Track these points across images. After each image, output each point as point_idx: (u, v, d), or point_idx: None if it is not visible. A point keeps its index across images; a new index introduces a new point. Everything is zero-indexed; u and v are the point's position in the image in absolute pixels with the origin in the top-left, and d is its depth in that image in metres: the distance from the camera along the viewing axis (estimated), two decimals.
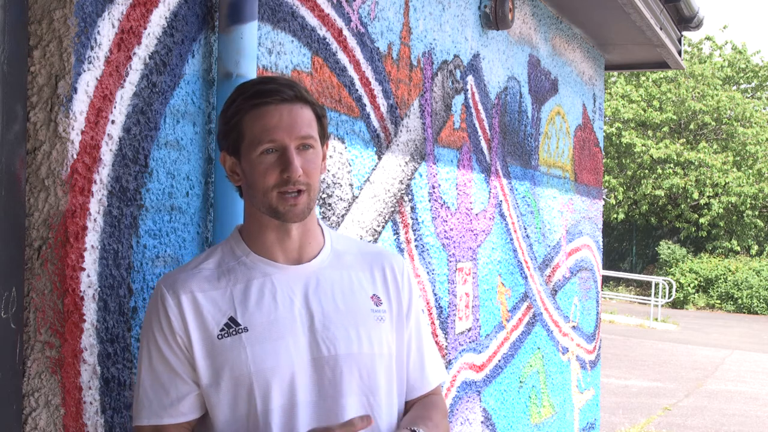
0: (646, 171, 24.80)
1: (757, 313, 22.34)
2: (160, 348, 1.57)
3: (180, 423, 1.58)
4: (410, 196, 3.07)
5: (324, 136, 1.68)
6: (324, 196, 2.48)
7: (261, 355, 1.55)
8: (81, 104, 1.65)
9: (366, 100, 2.74)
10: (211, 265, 1.64)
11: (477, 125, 3.67)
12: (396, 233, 2.96)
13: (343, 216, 2.60)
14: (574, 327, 5.17)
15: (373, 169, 2.80)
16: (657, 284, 20.19)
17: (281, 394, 1.56)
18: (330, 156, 2.52)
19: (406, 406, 1.76)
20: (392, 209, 2.94)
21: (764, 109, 26.21)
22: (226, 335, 1.56)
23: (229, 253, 1.66)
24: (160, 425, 1.57)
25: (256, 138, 1.59)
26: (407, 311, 1.75)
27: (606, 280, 22.61)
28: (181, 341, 1.56)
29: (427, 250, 3.21)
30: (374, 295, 1.70)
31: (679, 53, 5.84)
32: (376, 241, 2.82)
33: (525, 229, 4.29)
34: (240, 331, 1.57)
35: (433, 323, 3.24)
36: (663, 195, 24.74)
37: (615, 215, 25.08)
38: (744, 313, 22.43)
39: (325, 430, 1.51)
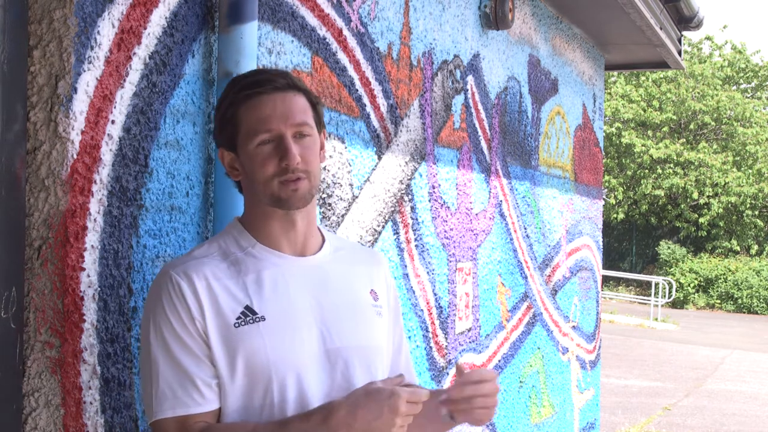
0: (646, 171, 24.81)
1: (757, 313, 22.34)
2: (177, 334, 1.51)
3: (207, 411, 1.51)
4: (410, 196, 3.07)
5: (320, 124, 1.67)
6: (324, 196, 2.48)
7: (279, 346, 1.54)
8: (81, 104, 1.65)
9: (366, 100, 2.73)
10: (216, 254, 1.61)
11: (477, 125, 3.67)
12: (396, 233, 2.96)
13: (343, 216, 2.60)
14: (574, 327, 5.17)
15: (373, 169, 2.80)
16: (657, 284, 20.20)
17: (296, 386, 1.54)
18: (330, 156, 2.52)
19: None
20: (392, 209, 2.94)
21: (764, 109, 26.22)
22: (242, 323, 1.53)
23: (232, 243, 1.64)
24: (188, 415, 1.50)
25: (251, 129, 1.58)
26: (395, 309, 1.81)
27: (606, 280, 22.62)
28: (199, 325, 1.52)
29: (427, 250, 3.21)
30: (372, 290, 1.73)
31: (679, 53, 5.84)
32: (376, 241, 2.82)
33: (525, 229, 4.29)
34: (257, 320, 1.54)
35: (433, 323, 3.24)
36: (663, 195, 24.74)
37: (615, 215, 25.08)
38: (744, 312, 22.43)
39: (370, 384, 1.51)
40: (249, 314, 1.55)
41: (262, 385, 1.53)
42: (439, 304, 3.29)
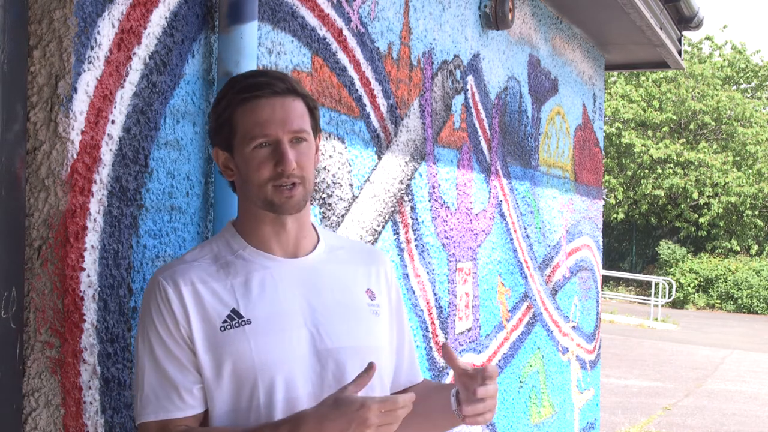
0: (646, 171, 24.81)
1: (757, 313, 22.34)
2: (163, 340, 1.54)
3: (188, 416, 1.54)
4: (410, 196, 3.07)
5: (316, 128, 1.67)
6: (324, 196, 2.48)
7: (265, 348, 1.54)
8: (81, 104, 1.65)
9: (366, 100, 2.73)
10: (207, 258, 1.62)
11: (477, 125, 3.67)
12: (396, 233, 2.96)
13: (343, 216, 2.60)
14: (574, 327, 5.17)
15: (373, 169, 2.80)
16: (657, 284, 20.20)
17: (284, 388, 1.55)
18: (330, 156, 2.52)
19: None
20: (392, 209, 2.94)
21: (764, 109, 26.23)
22: (228, 327, 1.54)
23: (224, 246, 1.64)
24: (168, 419, 1.53)
25: (248, 132, 1.58)
26: (397, 307, 1.80)
27: (606, 280, 22.62)
28: (184, 331, 1.54)
29: (427, 250, 3.21)
30: (368, 289, 1.72)
31: (679, 53, 5.84)
32: (376, 241, 2.82)
33: (525, 229, 4.29)
34: (243, 323, 1.55)
35: (433, 323, 3.24)
36: (663, 195, 24.75)
37: (615, 215, 25.08)
38: (744, 312, 22.44)
39: (341, 391, 1.46)
40: (235, 318, 1.55)
41: (247, 387, 1.54)
42: (439, 304, 3.29)
